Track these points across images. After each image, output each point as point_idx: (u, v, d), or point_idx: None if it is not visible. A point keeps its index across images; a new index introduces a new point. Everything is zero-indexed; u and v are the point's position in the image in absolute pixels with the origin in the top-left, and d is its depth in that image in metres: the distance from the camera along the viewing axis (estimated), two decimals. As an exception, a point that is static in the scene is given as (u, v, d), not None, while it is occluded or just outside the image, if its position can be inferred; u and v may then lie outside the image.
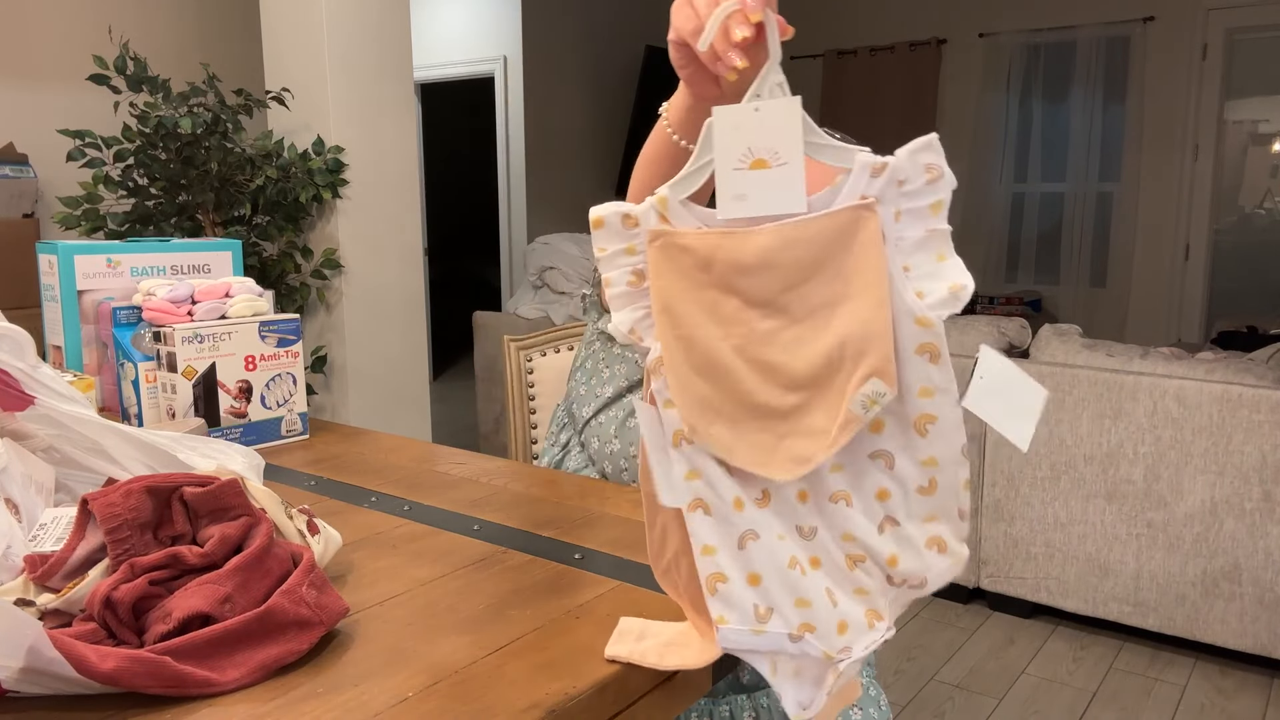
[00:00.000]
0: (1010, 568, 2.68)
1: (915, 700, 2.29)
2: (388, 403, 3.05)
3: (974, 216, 5.94)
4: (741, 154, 0.62)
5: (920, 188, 0.61)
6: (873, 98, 6.15)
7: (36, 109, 3.04)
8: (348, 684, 0.66)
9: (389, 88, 2.94)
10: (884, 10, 6.13)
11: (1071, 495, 2.54)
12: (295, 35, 2.85)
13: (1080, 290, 5.67)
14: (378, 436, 1.39)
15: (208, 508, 0.74)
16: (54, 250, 1.43)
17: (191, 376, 1.24)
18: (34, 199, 2.88)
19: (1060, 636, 2.61)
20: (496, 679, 0.67)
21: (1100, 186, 5.56)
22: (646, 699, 0.71)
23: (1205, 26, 5.16)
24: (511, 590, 0.83)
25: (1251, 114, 5.20)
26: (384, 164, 2.95)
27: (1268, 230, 5.24)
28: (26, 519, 0.81)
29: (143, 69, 2.58)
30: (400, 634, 0.74)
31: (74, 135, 2.49)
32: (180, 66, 3.14)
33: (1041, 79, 5.67)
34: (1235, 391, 2.30)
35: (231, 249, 1.55)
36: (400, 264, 3.03)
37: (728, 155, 0.62)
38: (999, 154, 5.83)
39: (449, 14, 5.26)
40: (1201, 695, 2.30)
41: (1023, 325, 2.72)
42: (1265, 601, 2.31)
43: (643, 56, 5.31)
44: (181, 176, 2.61)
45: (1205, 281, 5.34)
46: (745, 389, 0.63)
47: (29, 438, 0.88)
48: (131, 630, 0.66)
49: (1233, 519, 2.33)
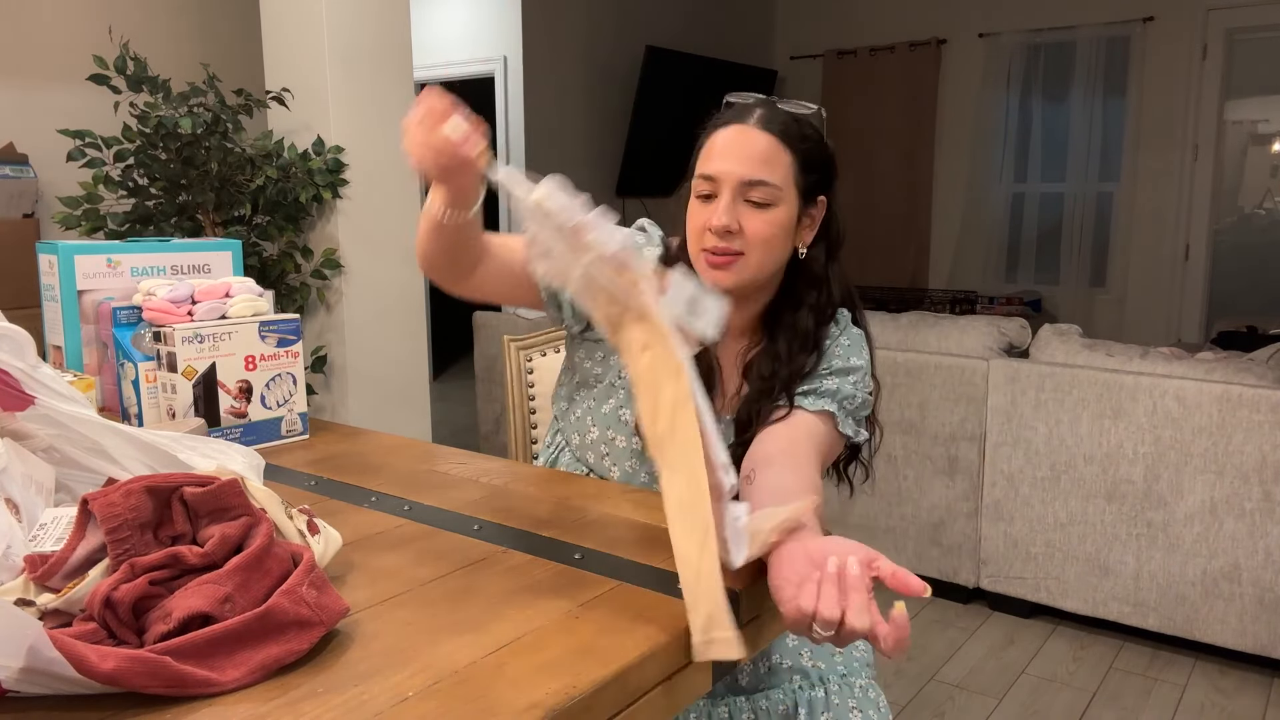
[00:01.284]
0: (1010, 568, 2.68)
1: (915, 700, 2.29)
2: (388, 403, 3.05)
3: (974, 216, 5.94)
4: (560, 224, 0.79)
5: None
6: (873, 98, 6.15)
7: (36, 109, 3.04)
8: (348, 684, 0.66)
9: (389, 88, 2.94)
10: (884, 10, 6.13)
11: (1071, 495, 2.54)
12: (295, 35, 2.85)
13: (1080, 290, 5.67)
14: (378, 436, 1.39)
15: (208, 508, 0.74)
16: (54, 250, 1.43)
17: (191, 376, 1.24)
18: (34, 199, 2.88)
19: (1060, 636, 2.61)
20: (496, 679, 0.67)
21: (1100, 186, 5.56)
22: (646, 699, 0.72)
23: (1205, 26, 5.16)
24: (511, 590, 0.83)
25: (1251, 114, 5.20)
26: (384, 164, 2.95)
27: (1267, 230, 5.24)
28: (27, 519, 0.81)
29: (143, 69, 2.58)
30: (400, 634, 0.74)
31: (74, 135, 2.49)
32: (180, 66, 3.14)
33: (1041, 79, 5.67)
34: (1235, 391, 2.30)
35: (231, 249, 1.55)
36: (400, 264, 3.03)
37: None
38: (999, 154, 5.83)
39: (449, 14, 5.26)
40: (1201, 695, 2.30)
41: (1022, 325, 2.72)
42: (1265, 601, 2.31)
43: (643, 56, 5.31)
44: (182, 176, 2.61)
45: (1205, 281, 5.34)
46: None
47: (29, 438, 0.88)
48: (131, 630, 0.66)
49: (1232, 519, 2.33)
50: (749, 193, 1.14)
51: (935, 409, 2.73)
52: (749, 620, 0.84)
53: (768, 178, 1.13)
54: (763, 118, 1.16)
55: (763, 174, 1.13)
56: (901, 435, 2.79)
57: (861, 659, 1.23)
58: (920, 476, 2.79)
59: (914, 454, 2.79)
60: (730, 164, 1.14)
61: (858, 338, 1.24)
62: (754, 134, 1.15)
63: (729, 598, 0.75)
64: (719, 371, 1.23)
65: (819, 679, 1.18)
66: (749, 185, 1.13)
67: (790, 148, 1.15)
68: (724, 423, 1.21)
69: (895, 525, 2.85)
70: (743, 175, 1.13)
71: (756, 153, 1.14)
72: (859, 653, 1.24)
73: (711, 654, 0.72)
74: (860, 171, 6.16)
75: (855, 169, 6.18)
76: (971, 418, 2.68)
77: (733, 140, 1.15)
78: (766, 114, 1.16)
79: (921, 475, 2.78)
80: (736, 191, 1.14)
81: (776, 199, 1.14)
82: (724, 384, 1.24)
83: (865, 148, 6.15)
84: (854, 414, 1.18)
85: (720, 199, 1.14)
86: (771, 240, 1.15)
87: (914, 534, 2.82)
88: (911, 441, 2.78)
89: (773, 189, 1.14)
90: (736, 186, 1.14)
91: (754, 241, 1.14)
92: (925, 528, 2.80)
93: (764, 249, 1.15)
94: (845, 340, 1.23)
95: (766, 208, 1.14)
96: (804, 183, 1.17)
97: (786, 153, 1.15)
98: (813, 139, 1.18)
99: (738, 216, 1.14)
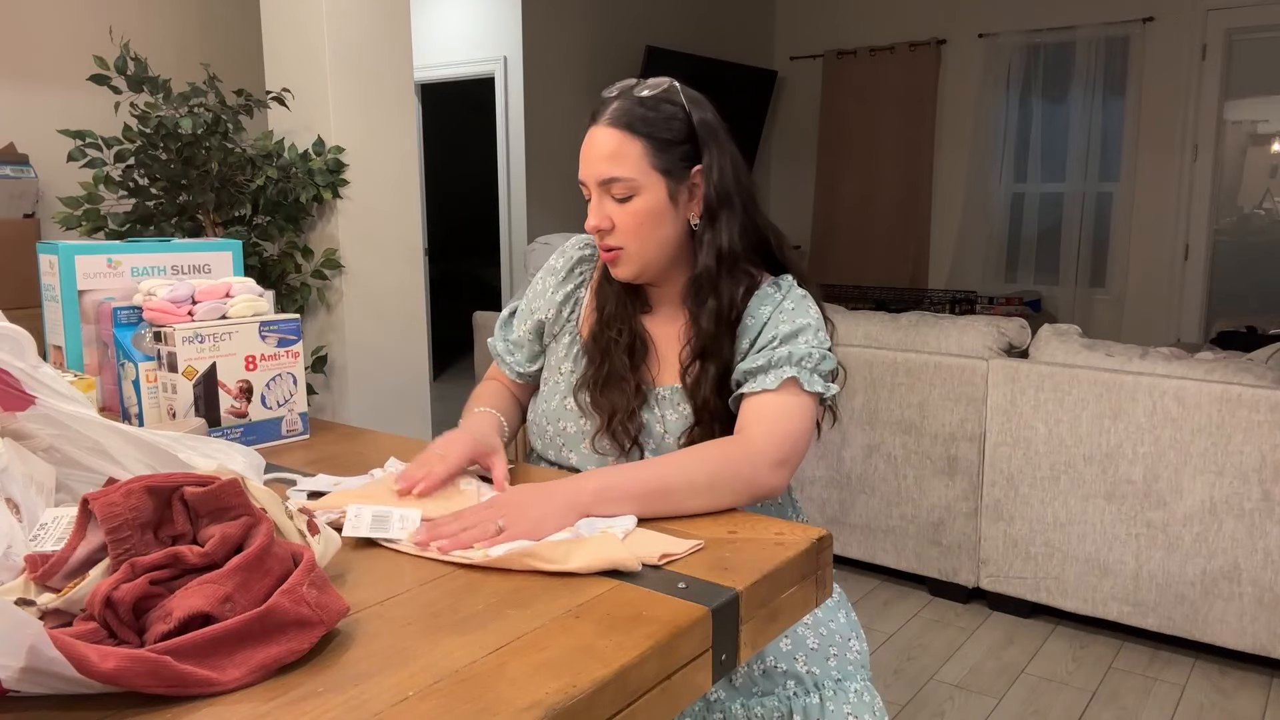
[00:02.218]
0: (1010, 567, 2.68)
1: (915, 700, 2.29)
2: (388, 403, 3.05)
3: (973, 216, 5.94)
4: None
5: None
6: (873, 98, 6.14)
7: (37, 109, 3.04)
8: (348, 684, 0.66)
9: (389, 88, 2.94)
10: (884, 10, 6.13)
11: (1071, 495, 2.54)
12: (295, 35, 2.85)
13: (1080, 290, 5.67)
14: (378, 436, 1.39)
15: (208, 507, 0.74)
16: (55, 250, 1.43)
17: (192, 376, 1.24)
18: (34, 199, 2.88)
19: (1060, 636, 2.61)
20: (496, 679, 0.67)
21: (1100, 186, 5.56)
22: (646, 699, 0.72)
23: (1205, 26, 5.16)
24: (511, 590, 0.83)
25: (1251, 114, 5.20)
26: (384, 164, 2.95)
27: (1267, 230, 5.24)
28: (27, 519, 0.81)
29: (143, 69, 2.58)
30: (400, 634, 0.74)
31: (74, 135, 2.49)
32: (180, 66, 3.14)
33: (1041, 79, 5.67)
34: (1235, 391, 2.30)
35: (232, 249, 1.55)
36: (400, 264, 3.03)
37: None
38: (998, 154, 5.83)
39: (449, 14, 5.26)
40: (1201, 695, 2.30)
41: (1022, 325, 2.72)
42: (1265, 601, 2.31)
43: (643, 56, 5.30)
44: (182, 177, 2.61)
45: (1204, 281, 5.34)
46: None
47: (29, 438, 0.88)
48: (132, 630, 0.66)
49: (1232, 519, 2.33)
50: (610, 190, 1.19)
51: (935, 409, 2.73)
52: (746, 622, 0.84)
53: (618, 173, 1.18)
54: (610, 113, 1.20)
55: (613, 170, 1.18)
56: (901, 435, 2.80)
57: (857, 661, 1.23)
58: (920, 476, 2.79)
59: (914, 454, 2.79)
60: (587, 167, 1.21)
61: (800, 298, 1.26)
62: (601, 133, 1.19)
63: (730, 598, 0.75)
64: (652, 346, 1.29)
65: (814, 684, 1.18)
66: (606, 184, 1.19)
67: (638, 136, 1.18)
68: (667, 390, 1.27)
69: (895, 525, 2.85)
70: (598, 175, 1.19)
71: (605, 151, 1.19)
72: (854, 655, 1.24)
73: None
74: (860, 171, 6.15)
75: (855, 169, 6.18)
76: (971, 418, 2.68)
77: (587, 143, 1.21)
78: (615, 107, 1.20)
79: (921, 475, 2.79)
80: (600, 191, 1.20)
81: (634, 189, 1.19)
82: (660, 357, 1.29)
83: (865, 148, 6.15)
84: (817, 369, 1.19)
85: (591, 200, 1.22)
86: (641, 229, 1.20)
87: (914, 534, 2.83)
88: (911, 441, 2.78)
89: (627, 182, 1.18)
90: (597, 187, 1.20)
91: (625, 233, 1.20)
92: (925, 527, 2.80)
93: (637, 238, 1.20)
94: (789, 304, 1.24)
95: (628, 200, 1.19)
96: (664, 163, 1.19)
97: (634, 141, 1.18)
98: (664, 116, 1.20)
99: (607, 214, 1.20)
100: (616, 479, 1.02)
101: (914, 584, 2.94)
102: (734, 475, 1.07)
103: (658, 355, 1.29)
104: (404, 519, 0.96)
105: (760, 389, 1.16)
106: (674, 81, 1.23)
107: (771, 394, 1.16)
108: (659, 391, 1.27)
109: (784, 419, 1.15)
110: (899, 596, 2.87)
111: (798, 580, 0.92)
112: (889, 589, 2.92)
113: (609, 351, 1.26)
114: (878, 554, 2.91)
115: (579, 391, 1.28)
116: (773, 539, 0.96)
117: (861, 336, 2.87)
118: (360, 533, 0.93)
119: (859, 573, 3.01)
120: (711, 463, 1.07)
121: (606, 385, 1.25)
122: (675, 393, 1.26)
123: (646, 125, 1.18)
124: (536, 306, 1.36)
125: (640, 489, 1.01)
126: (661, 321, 1.30)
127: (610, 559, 0.86)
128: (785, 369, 1.17)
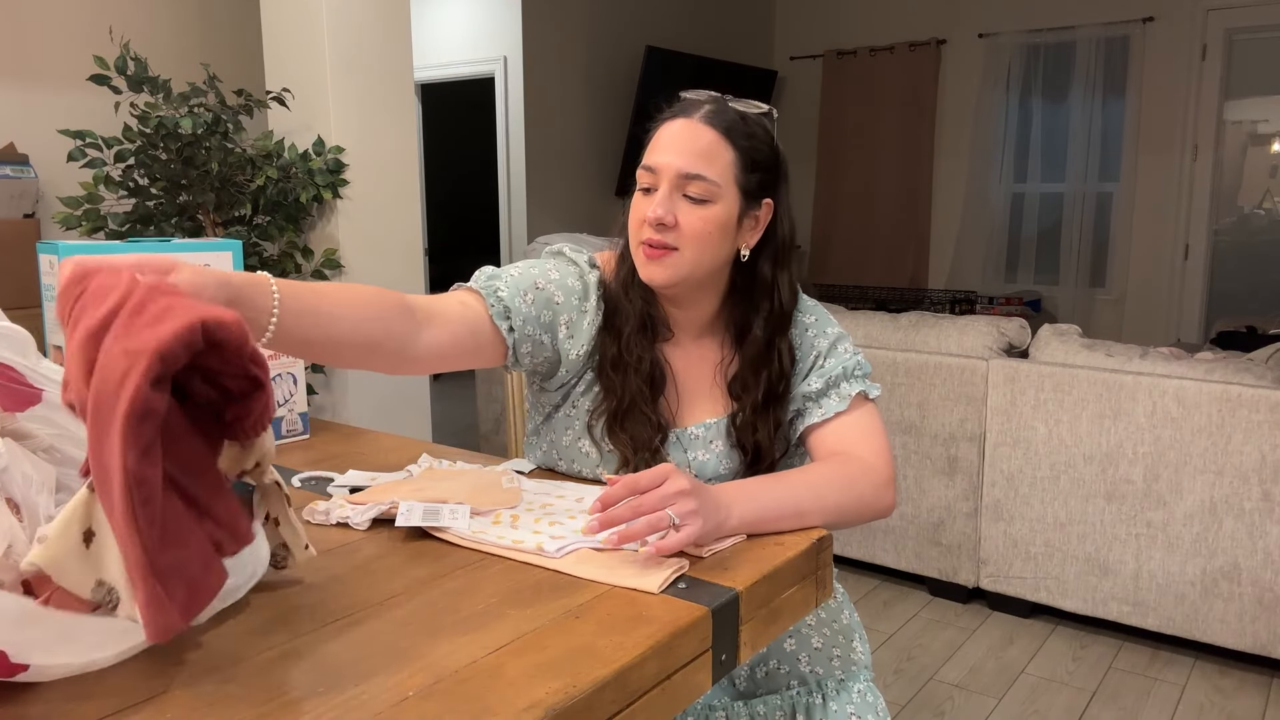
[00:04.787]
0: (1010, 567, 2.68)
1: (915, 700, 2.29)
2: (388, 403, 3.05)
3: (973, 216, 5.94)
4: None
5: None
6: (873, 98, 6.14)
7: (37, 109, 3.04)
8: (348, 684, 0.66)
9: (389, 88, 2.94)
10: (884, 10, 6.13)
11: (1071, 495, 2.54)
12: (295, 35, 2.85)
13: (1079, 290, 5.67)
14: (378, 436, 1.39)
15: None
16: (55, 250, 1.42)
17: (192, 377, 1.24)
18: (35, 199, 2.88)
19: (1060, 636, 2.61)
20: (496, 679, 0.67)
21: (1099, 186, 5.55)
22: (646, 699, 0.72)
23: (1205, 26, 5.15)
24: (511, 590, 0.83)
25: (1250, 114, 5.20)
26: (384, 164, 2.95)
27: (1267, 230, 5.24)
28: (28, 519, 0.81)
29: (143, 69, 2.58)
30: (400, 634, 0.74)
31: (74, 135, 2.49)
32: (180, 66, 3.14)
33: (1041, 79, 5.66)
34: (1234, 391, 2.30)
35: (232, 249, 1.55)
36: (400, 264, 3.03)
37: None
38: (998, 154, 5.82)
39: (449, 14, 5.26)
40: (1201, 695, 2.30)
41: (1022, 325, 2.72)
42: (1264, 601, 2.31)
43: (643, 56, 5.30)
44: (182, 177, 2.61)
45: (1204, 281, 5.34)
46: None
47: (29, 438, 0.88)
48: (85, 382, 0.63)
49: (1232, 519, 2.33)
50: (687, 186, 1.13)
51: (935, 409, 2.73)
52: (746, 622, 0.84)
53: (705, 172, 1.12)
54: (708, 113, 1.15)
55: (701, 168, 1.12)
56: (901, 435, 2.80)
57: (860, 661, 1.23)
58: (920, 476, 2.79)
59: (914, 454, 2.79)
60: (670, 156, 1.13)
61: (812, 306, 1.26)
62: (697, 128, 1.14)
63: (730, 598, 0.75)
64: (672, 379, 1.21)
65: (816, 685, 1.18)
66: (687, 179, 1.12)
67: (733, 144, 1.14)
68: (701, 429, 1.21)
69: (895, 525, 2.85)
70: (681, 168, 1.12)
71: (698, 147, 1.13)
72: (857, 655, 1.24)
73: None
74: (860, 171, 6.15)
75: (855, 169, 6.18)
76: (971, 418, 2.68)
77: (676, 133, 1.15)
78: (713, 109, 1.16)
79: (921, 475, 2.79)
80: (674, 184, 1.13)
81: (714, 195, 1.13)
82: (681, 391, 1.22)
83: (865, 148, 6.14)
84: (865, 374, 1.21)
85: (659, 191, 1.13)
86: (707, 238, 1.13)
87: (914, 534, 2.83)
88: (911, 441, 2.78)
89: (710, 185, 1.12)
90: (674, 179, 1.13)
91: (688, 237, 1.13)
92: (925, 528, 2.80)
93: (698, 246, 1.13)
94: (809, 317, 1.24)
95: (704, 204, 1.13)
96: (746, 181, 1.15)
97: (729, 149, 1.14)
98: (759, 138, 1.17)
99: (674, 210, 1.13)
100: (759, 506, 0.98)
101: (914, 584, 2.94)
102: (857, 497, 1.07)
103: (677, 390, 1.22)
104: (454, 512, 0.99)
105: (833, 413, 1.17)
106: (773, 108, 1.21)
107: (846, 415, 1.17)
108: (690, 431, 1.21)
109: (873, 434, 1.16)
110: (899, 596, 2.87)
111: (798, 580, 0.92)
112: (889, 589, 2.92)
113: (627, 378, 1.17)
114: (878, 554, 2.91)
115: (594, 424, 1.19)
116: (772, 539, 0.96)
117: (861, 336, 2.87)
118: (413, 523, 0.96)
119: (859, 573, 3.01)
120: (841, 485, 1.06)
121: (627, 417, 1.17)
122: (709, 430, 1.21)
123: (746, 139, 1.15)
124: (563, 320, 1.19)
125: (779, 512, 0.99)
126: (682, 353, 1.23)
127: (639, 585, 0.84)
128: (845, 385, 1.18)
